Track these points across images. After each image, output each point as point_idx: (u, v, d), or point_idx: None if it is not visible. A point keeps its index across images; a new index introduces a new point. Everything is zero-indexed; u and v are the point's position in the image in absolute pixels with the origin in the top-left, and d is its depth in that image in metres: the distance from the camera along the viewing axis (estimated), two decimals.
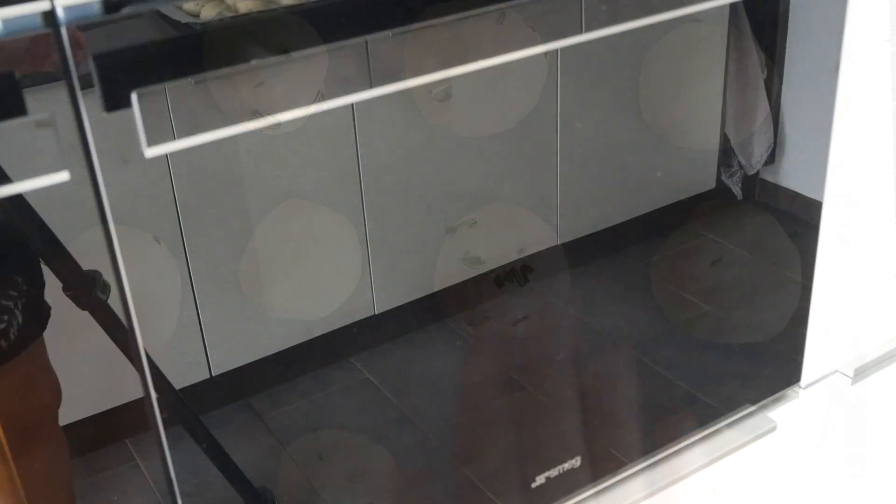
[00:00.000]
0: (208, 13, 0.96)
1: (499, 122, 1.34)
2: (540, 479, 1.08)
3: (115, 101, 0.45)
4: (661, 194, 1.57)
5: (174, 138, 0.47)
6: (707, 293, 1.51)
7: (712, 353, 1.40)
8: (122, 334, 0.83)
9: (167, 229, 1.12)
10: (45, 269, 0.90)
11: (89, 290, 0.83)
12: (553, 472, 1.08)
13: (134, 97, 0.46)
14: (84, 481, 1.07)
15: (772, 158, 1.71)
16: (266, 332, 1.26)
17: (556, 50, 0.84)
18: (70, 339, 0.97)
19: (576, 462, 1.10)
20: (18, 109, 0.45)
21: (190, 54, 0.47)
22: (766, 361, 1.38)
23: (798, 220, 1.68)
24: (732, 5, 1.55)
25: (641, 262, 1.56)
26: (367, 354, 1.36)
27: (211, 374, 1.23)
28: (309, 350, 1.30)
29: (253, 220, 1.19)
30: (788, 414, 1.20)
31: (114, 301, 0.82)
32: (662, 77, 1.51)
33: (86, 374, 0.98)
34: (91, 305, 0.83)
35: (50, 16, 0.44)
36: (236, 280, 1.21)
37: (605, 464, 1.16)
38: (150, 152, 0.47)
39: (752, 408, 1.19)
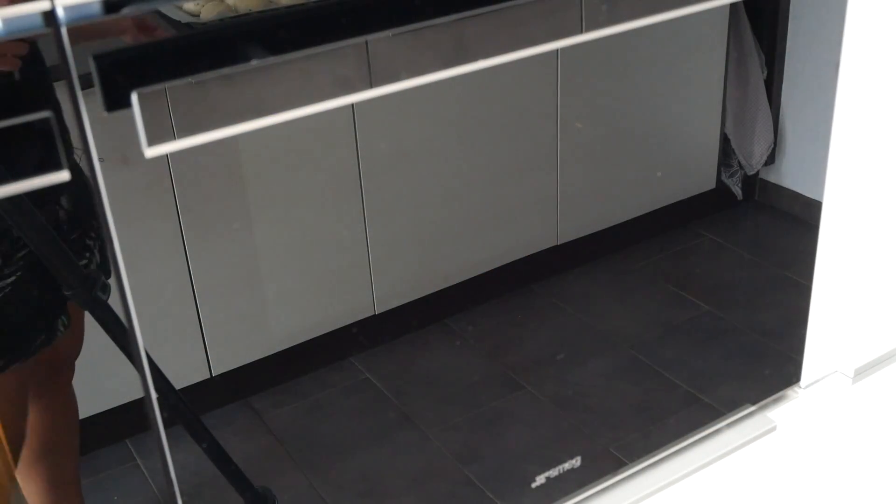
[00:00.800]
0: (208, 13, 0.96)
1: (499, 122, 1.35)
2: (540, 479, 1.08)
3: (115, 101, 0.45)
4: (661, 194, 1.57)
5: (174, 138, 0.47)
6: (707, 293, 1.51)
7: (712, 353, 1.40)
8: (122, 334, 0.83)
9: (167, 229, 1.12)
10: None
11: (89, 290, 0.83)
12: (553, 472, 1.09)
13: (134, 97, 0.46)
14: (84, 481, 1.07)
15: (772, 158, 1.71)
16: (266, 332, 1.26)
17: (556, 50, 0.84)
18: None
19: (576, 462, 1.10)
20: (19, 109, 0.45)
21: (190, 54, 0.47)
22: (765, 361, 1.38)
23: (798, 220, 1.68)
24: (732, 5, 1.55)
25: (641, 262, 1.56)
26: (367, 354, 1.36)
27: (211, 374, 1.23)
28: (309, 350, 1.30)
29: (253, 220, 1.19)
30: (788, 414, 1.19)
31: (114, 301, 0.82)
32: (663, 77, 1.51)
33: (86, 374, 0.98)
34: (91, 305, 0.83)
35: (50, 16, 0.44)
36: (236, 280, 1.21)
37: (605, 464, 1.16)
38: (150, 152, 0.47)
39: (752, 408, 1.19)
